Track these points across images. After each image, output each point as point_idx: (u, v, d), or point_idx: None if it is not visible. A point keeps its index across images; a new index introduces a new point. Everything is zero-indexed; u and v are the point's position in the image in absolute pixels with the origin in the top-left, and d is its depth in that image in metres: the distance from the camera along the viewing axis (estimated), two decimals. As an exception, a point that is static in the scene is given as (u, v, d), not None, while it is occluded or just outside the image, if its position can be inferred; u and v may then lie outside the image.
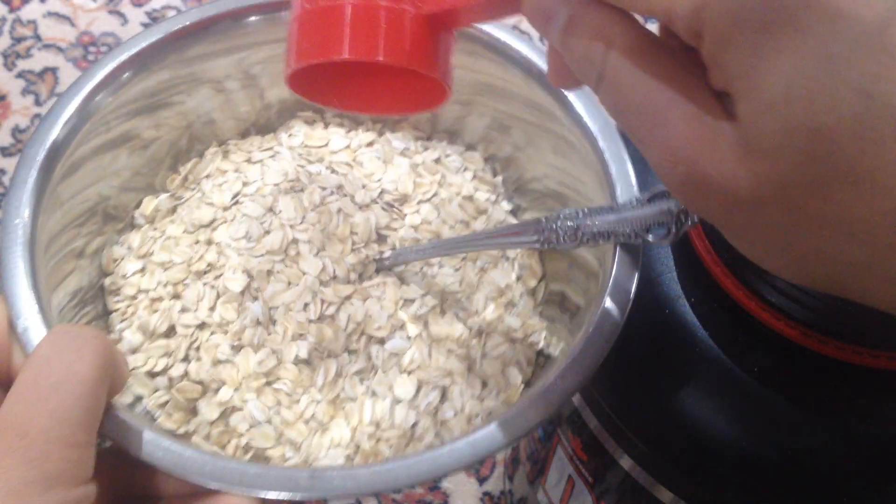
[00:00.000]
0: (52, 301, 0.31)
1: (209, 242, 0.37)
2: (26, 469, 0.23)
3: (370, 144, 0.41)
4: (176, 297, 0.36)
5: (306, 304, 0.35)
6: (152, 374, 0.34)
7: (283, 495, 0.27)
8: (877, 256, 0.17)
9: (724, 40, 0.17)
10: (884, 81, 0.16)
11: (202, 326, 0.35)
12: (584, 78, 0.21)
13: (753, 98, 0.17)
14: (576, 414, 0.37)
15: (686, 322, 0.32)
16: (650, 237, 0.29)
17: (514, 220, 0.40)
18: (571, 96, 0.35)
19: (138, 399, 0.34)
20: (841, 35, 0.16)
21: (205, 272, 0.36)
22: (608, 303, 0.29)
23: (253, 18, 0.37)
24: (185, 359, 0.35)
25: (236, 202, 0.38)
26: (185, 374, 0.34)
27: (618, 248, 0.30)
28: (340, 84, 0.28)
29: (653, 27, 0.20)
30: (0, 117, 0.71)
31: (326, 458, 0.33)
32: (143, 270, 0.37)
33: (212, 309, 0.35)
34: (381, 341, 0.35)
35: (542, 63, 0.36)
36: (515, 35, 0.36)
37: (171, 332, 0.35)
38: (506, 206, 0.41)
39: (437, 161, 0.41)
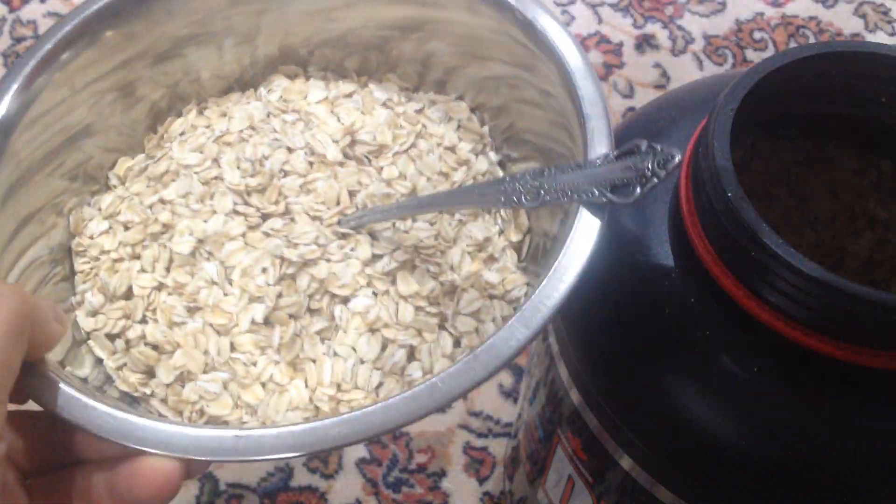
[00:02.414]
0: (7, 260, 0.31)
1: (162, 202, 0.36)
2: None
3: (349, 95, 0.40)
4: (135, 257, 0.35)
5: (264, 268, 0.34)
6: (111, 337, 0.34)
7: (206, 458, 0.26)
8: None
9: None
10: None
11: (160, 288, 0.35)
12: None
13: None
14: (576, 414, 0.37)
15: (686, 322, 0.32)
16: (614, 197, 0.28)
17: (500, 172, 0.39)
18: (555, 46, 0.34)
19: (98, 361, 0.34)
20: None
21: (161, 233, 0.36)
22: (563, 261, 0.28)
23: None
24: (143, 321, 0.34)
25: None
26: (142, 337, 0.34)
27: (580, 208, 0.29)
28: None
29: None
30: None
31: (284, 422, 0.32)
32: (108, 231, 0.36)
33: (167, 270, 0.35)
34: (345, 300, 0.34)
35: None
36: None
37: (130, 293, 0.35)
38: (493, 156, 0.40)
39: (420, 111, 0.40)
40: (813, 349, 0.28)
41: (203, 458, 0.26)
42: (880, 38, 0.78)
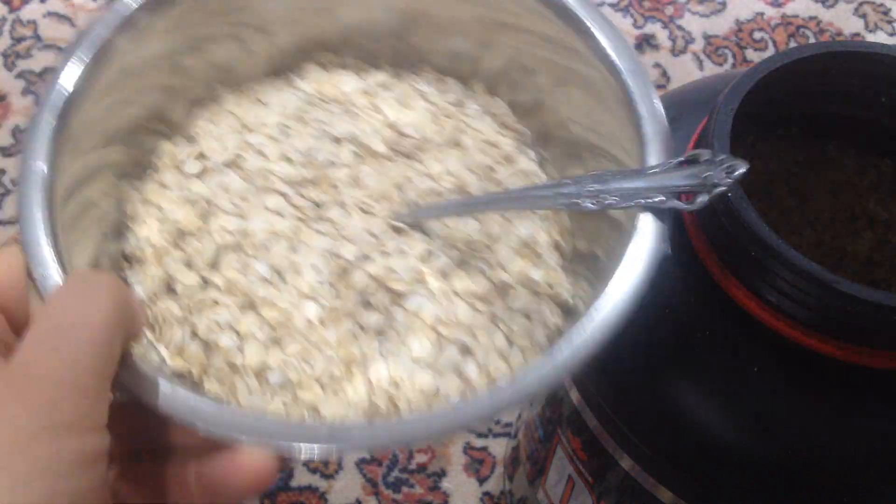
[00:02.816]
0: (72, 250, 0.31)
1: (207, 201, 0.36)
2: (36, 416, 0.23)
3: (386, 86, 0.40)
4: (181, 249, 0.35)
5: (316, 267, 0.34)
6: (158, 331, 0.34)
7: (300, 447, 0.26)
8: None
9: None
10: None
11: (206, 284, 0.34)
12: None
13: None
14: (576, 414, 0.37)
15: (686, 322, 0.32)
16: (679, 203, 0.28)
17: (541, 172, 0.38)
18: (597, 31, 0.33)
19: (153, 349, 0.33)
20: None
21: (202, 229, 0.35)
22: (629, 264, 0.28)
23: None
24: (187, 318, 0.34)
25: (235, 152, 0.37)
26: (194, 335, 0.33)
27: (645, 212, 0.29)
28: None
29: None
30: (0, 118, 0.71)
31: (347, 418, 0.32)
32: (155, 220, 0.36)
33: (213, 266, 0.34)
34: (402, 297, 0.34)
35: None
36: None
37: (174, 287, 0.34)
38: (532, 154, 0.39)
39: (459, 105, 0.39)
40: (813, 349, 0.28)
41: (296, 450, 0.27)
42: (880, 38, 0.78)
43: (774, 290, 0.28)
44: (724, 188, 0.27)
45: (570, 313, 0.35)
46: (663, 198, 0.28)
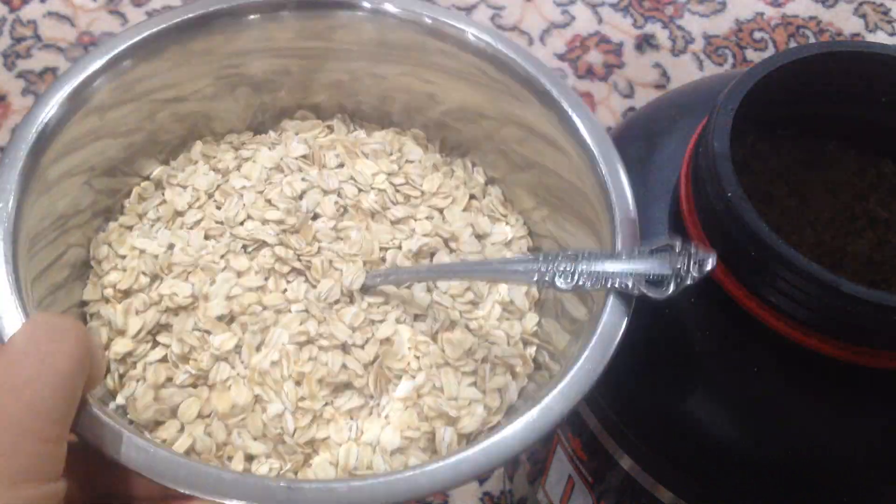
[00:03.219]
0: (31, 289, 0.31)
1: (170, 246, 0.36)
2: None
3: (377, 142, 0.40)
4: (135, 293, 0.35)
5: (285, 356, 0.33)
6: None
7: None
8: None
9: None
10: None
11: (156, 344, 0.34)
12: None
13: None
14: (576, 414, 0.37)
15: (686, 322, 0.32)
16: (647, 291, 0.29)
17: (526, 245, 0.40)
18: (575, 116, 0.34)
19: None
20: None
21: (159, 277, 0.35)
22: (590, 351, 0.29)
23: (252, 17, 0.37)
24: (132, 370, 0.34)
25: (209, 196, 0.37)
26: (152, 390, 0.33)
27: (611, 297, 0.30)
28: None
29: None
30: (0, 117, 0.71)
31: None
32: (119, 261, 0.36)
33: (164, 323, 0.34)
34: (392, 379, 0.34)
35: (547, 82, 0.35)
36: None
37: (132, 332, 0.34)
38: (521, 230, 0.40)
39: (448, 171, 0.40)
40: (813, 349, 0.28)
41: None
42: (880, 38, 0.78)
43: (774, 290, 0.28)
44: (689, 280, 0.28)
45: (541, 370, 0.36)
46: (632, 281, 0.29)
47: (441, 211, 0.39)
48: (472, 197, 0.40)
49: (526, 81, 0.35)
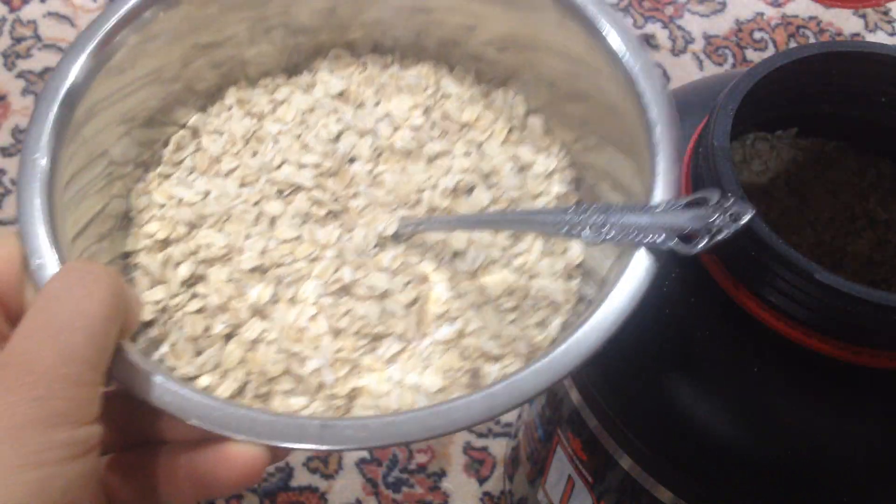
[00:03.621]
0: (70, 238, 0.31)
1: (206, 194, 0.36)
2: (30, 406, 0.23)
3: (414, 76, 0.39)
4: (178, 242, 0.35)
5: (327, 284, 0.33)
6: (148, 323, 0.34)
7: (292, 445, 0.26)
8: None
9: None
10: None
11: (195, 296, 0.34)
12: None
13: None
14: (576, 414, 0.37)
15: (686, 322, 0.32)
16: (676, 246, 0.27)
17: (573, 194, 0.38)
18: (637, 72, 0.32)
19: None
20: None
21: (197, 226, 0.35)
22: (609, 304, 0.28)
23: None
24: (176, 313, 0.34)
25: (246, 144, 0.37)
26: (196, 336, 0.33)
27: (640, 250, 0.28)
28: None
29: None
30: (0, 117, 0.71)
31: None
32: (158, 212, 0.36)
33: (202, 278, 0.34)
34: (432, 321, 0.33)
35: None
36: None
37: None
38: (567, 176, 0.39)
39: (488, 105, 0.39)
40: (813, 349, 0.28)
41: (288, 446, 0.26)
42: (880, 38, 0.78)
43: (774, 290, 0.28)
44: (724, 235, 0.26)
45: (567, 325, 0.35)
46: (664, 236, 0.28)
47: (480, 145, 0.38)
48: (511, 129, 0.38)
49: (570, 7, 0.34)
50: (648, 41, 0.77)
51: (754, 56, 0.76)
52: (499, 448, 0.60)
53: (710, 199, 0.27)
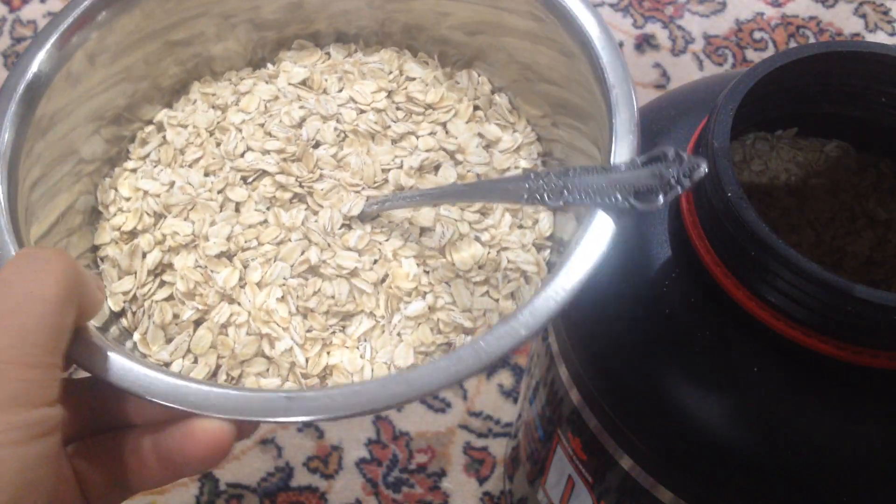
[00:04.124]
0: (40, 234, 0.31)
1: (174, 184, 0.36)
2: None
3: (376, 62, 0.40)
4: (145, 232, 0.36)
5: (292, 266, 0.34)
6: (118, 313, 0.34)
7: (259, 419, 0.26)
8: None
9: None
10: None
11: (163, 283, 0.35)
12: None
13: None
14: (576, 414, 0.37)
15: (686, 322, 0.32)
16: (637, 203, 0.27)
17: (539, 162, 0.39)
18: (595, 40, 0.33)
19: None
20: None
21: (162, 216, 0.36)
22: (570, 266, 0.28)
23: None
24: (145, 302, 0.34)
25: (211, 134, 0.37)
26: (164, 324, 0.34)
27: (595, 210, 0.29)
28: None
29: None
30: (0, 117, 0.71)
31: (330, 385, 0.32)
32: (127, 201, 0.37)
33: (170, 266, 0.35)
34: (402, 297, 0.34)
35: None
36: None
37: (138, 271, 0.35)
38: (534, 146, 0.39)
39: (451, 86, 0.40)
40: (813, 349, 0.28)
41: (255, 420, 0.26)
42: (880, 38, 0.78)
43: (774, 290, 0.28)
44: (681, 189, 0.27)
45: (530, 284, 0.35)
46: (622, 195, 0.28)
47: (444, 125, 0.38)
48: (476, 108, 0.39)
49: None
50: (648, 41, 0.77)
51: (754, 56, 0.76)
52: (499, 448, 0.60)
53: (666, 156, 0.28)
